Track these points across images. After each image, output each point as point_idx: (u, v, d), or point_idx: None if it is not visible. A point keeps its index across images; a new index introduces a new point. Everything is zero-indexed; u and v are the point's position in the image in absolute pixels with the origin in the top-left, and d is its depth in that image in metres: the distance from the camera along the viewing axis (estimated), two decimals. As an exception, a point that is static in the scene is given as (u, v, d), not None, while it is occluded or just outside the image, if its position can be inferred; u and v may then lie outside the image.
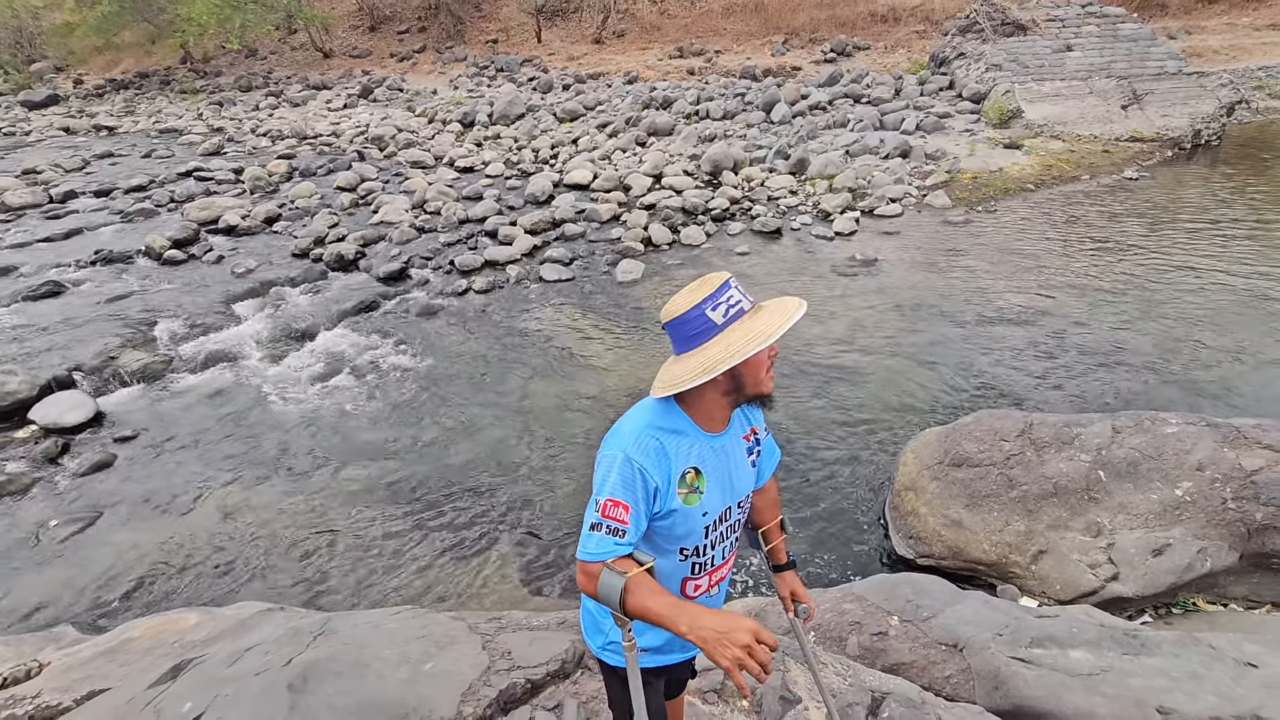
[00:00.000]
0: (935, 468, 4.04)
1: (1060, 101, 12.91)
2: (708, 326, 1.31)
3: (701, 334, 1.32)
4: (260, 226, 10.10)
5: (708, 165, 11.19)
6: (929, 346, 6.27)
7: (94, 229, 10.32)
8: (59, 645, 3.43)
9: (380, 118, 17.02)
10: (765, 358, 1.36)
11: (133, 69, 27.25)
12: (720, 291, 1.31)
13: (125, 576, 4.30)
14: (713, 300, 1.31)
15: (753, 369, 1.35)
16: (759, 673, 1.07)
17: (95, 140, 17.40)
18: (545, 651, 2.44)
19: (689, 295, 1.34)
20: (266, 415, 5.89)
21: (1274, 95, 14.47)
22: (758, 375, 1.36)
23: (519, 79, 20.38)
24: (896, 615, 2.87)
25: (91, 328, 7.16)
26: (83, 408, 5.87)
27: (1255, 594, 3.47)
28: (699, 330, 1.32)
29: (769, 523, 1.73)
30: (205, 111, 20.04)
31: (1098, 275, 7.44)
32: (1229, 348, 5.90)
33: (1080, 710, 2.35)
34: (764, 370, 1.37)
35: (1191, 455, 3.62)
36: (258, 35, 25.67)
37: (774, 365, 1.40)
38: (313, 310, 7.62)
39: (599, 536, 1.29)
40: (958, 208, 9.65)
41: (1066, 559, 3.54)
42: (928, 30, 20.21)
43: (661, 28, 23.80)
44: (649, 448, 1.33)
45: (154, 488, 5.09)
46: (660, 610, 1.18)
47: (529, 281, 8.16)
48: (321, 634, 2.48)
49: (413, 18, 26.67)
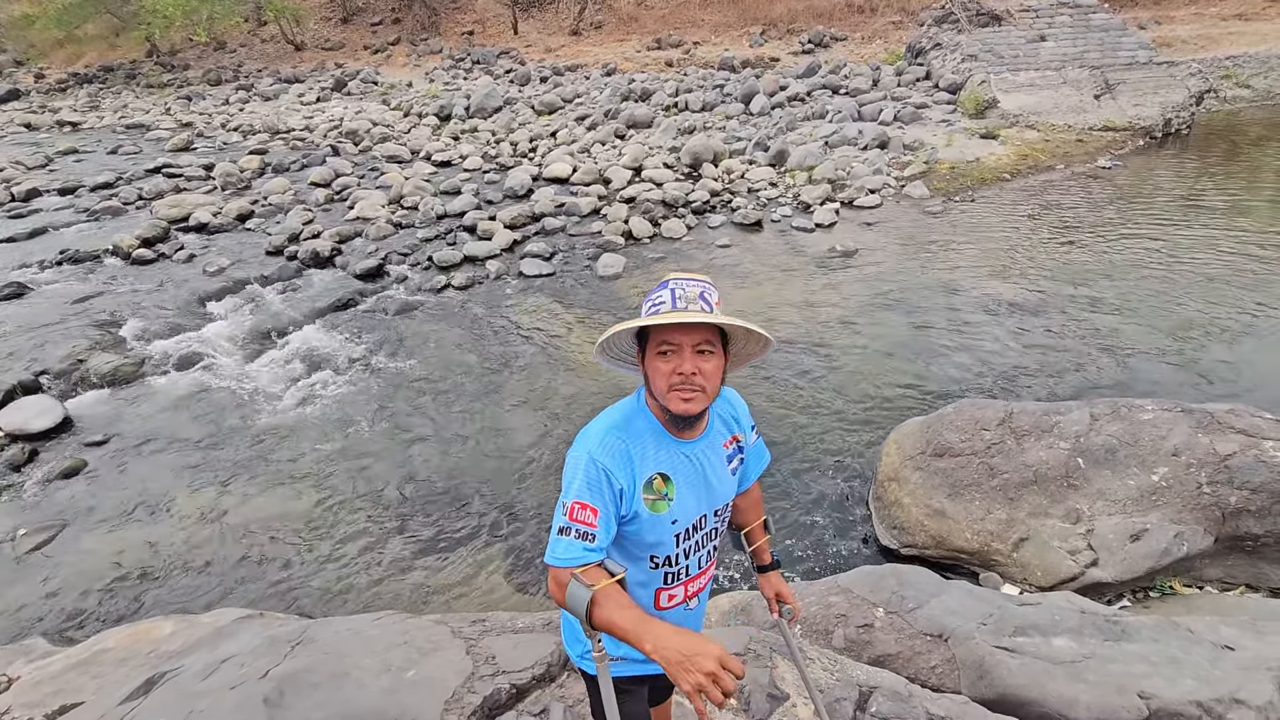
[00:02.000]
0: (917, 458, 4.06)
1: (1035, 91, 13.04)
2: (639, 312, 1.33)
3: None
4: (232, 223, 9.88)
5: (688, 157, 11.14)
6: (909, 337, 6.30)
7: (59, 228, 10.02)
8: (29, 658, 3.33)
9: (354, 111, 16.72)
10: (664, 369, 1.27)
11: (96, 63, 26.48)
12: (656, 289, 1.31)
13: (98, 585, 4.19)
14: (649, 295, 1.32)
15: (652, 373, 1.30)
16: (720, 701, 1.04)
17: (59, 136, 16.88)
18: (530, 655, 2.40)
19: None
20: (241, 417, 5.77)
21: (1241, 84, 14.73)
22: (655, 381, 1.30)
23: (496, 71, 20.13)
24: (882, 607, 2.88)
25: (58, 330, 6.96)
26: (50, 413, 5.70)
27: (1230, 576, 3.54)
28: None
29: (752, 523, 1.71)
30: (173, 106, 19.54)
31: (1073, 263, 7.53)
32: (1203, 333, 6.00)
33: (1063, 698, 2.37)
34: (663, 380, 1.28)
35: (1167, 441, 3.68)
36: (226, 27, 25.05)
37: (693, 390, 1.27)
38: (288, 309, 7.48)
39: (567, 541, 1.26)
40: (936, 198, 9.71)
41: (1047, 546, 3.58)
42: (904, 21, 20.30)
43: (639, 19, 23.64)
44: (613, 449, 1.31)
45: (126, 493, 4.96)
46: (626, 626, 1.15)
47: (509, 277, 8.08)
48: (300, 642, 2.42)
49: (386, 9, 26.23)
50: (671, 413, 1.30)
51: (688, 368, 1.26)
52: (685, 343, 1.26)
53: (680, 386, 1.27)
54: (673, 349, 1.27)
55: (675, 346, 1.27)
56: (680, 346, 1.26)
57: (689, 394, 1.27)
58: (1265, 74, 15.08)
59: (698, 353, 1.27)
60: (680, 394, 1.27)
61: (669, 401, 1.29)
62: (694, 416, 1.31)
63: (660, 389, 1.29)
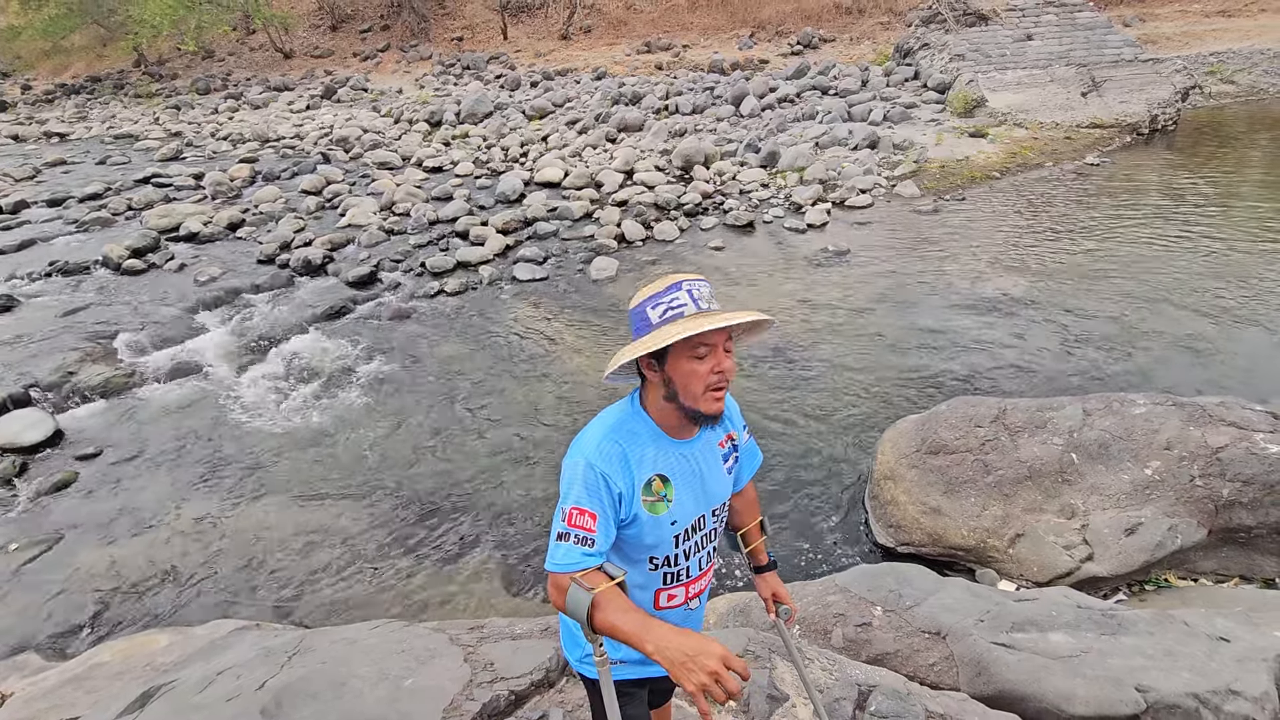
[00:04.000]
0: (912, 456, 4.07)
1: (1023, 90, 13.13)
2: (644, 324, 1.31)
3: (638, 330, 1.33)
4: (223, 233, 9.84)
5: (679, 160, 11.17)
6: (902, 335, 6.33)
7: (48, 240, 9.96)
8: (23, 674, 3.31)
9: (345, 118, 16.70)
10: (701, 370, 1.28)
11: (84, 73, 26.38)
12: (666, 293, 1.30)
13: (92, 598, 4.15)
14: (655, 300, 1.31)
15: (683, 378, 1.29)
16: (724, 700, 1.04)
17: (46, 147, 16.80)
18: (529, 661, 2.39)
19: (642, 292, 1.35)
20: (234, 427, 5.74)
21: (1226, 80, 14.88)
22: (689, 385, 1.29)
23: (486, 76, 20.14)
24: (880, 605, 2.88)
25: (48, 342, 6.91)
26: (41, 426, 5.66)
27: (1223, 568, 3.56)
28: (638, 326, 1.33)
29: (748, 524, 1.71)
30: (162, 115, 19.48)
31: (1064, 260, 7.58)
32: (1193, 326, 6.05)
33: (1061, 692, 2.38)
34: (698, 383, 1.28)
35: (1160, 435, 3.70)
36: (214, 36, 25.02)
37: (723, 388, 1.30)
38: (280, 317, 7.44)
39: (567, 546, 1.26)
40: (926, 197, 9.76)
41: (1043, 541, 3.59)
42: (892, 22, 20.42)
43: (628, 23, 23.70)
44: (610, 454, 1.31)
45: (119, 505, 4.92)
46: (627, 628, 1.15)
47: (502, 282, 8.07)
48: (296, 653, 2.41)
49: (375, 16, 26.21)
50: (703, 414, 1.32)
51: (728, 364, 1.30)
52: (719, 341, 1.30)
53: (716, 386, 1.30)
54: (709, 349, 1.29)
55: (711, 346, 1.29)
56: (715, 346, 1.29)
57: (721, 392, 1.31)
58: (1249, 69, 15.24)
59: (726, 351, 1.31)
60: (715, 394, 1.30)
61: (704, 403, 1.30)
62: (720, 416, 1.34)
63: (695, 392, 1.30)
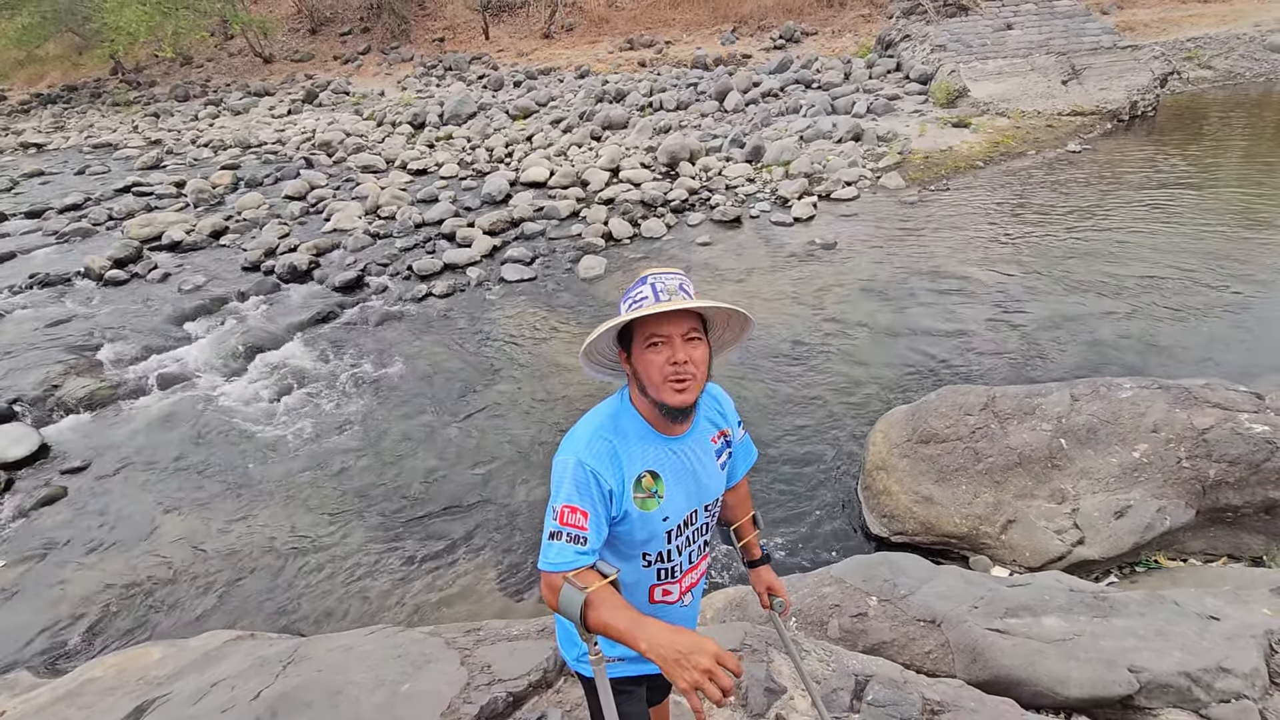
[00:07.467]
0: (904, 445, 4.10)
1: (1004, 79, 13.21)
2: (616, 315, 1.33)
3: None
4: (207, 241, 9.74)
5: (664, 157, 11.16)
6: (891, 326, 6.35)
7: (27, 252, 9.83)
8: (14, 692, 3.26)
9: (327, 122, 16.56)
10: (657, 361, 1.27)
11: (60, 82, 25.99)
12: (634, 286, 1.32)
13: (83, 614, 4.10)
14: (627, 293, 1.33)
15: (644, 368, 1.30)
16: (718, 698, 1.04)
17: (23, 159, 16.55)
18: (526, 662, 2.39)
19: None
20: (223, 436, 5.69)
21: (1203, 65, 15.03)
22: (649, 376, 1.29)
23: (469, 77, 20.04)
24: (875, 595, 2.89)
25: (31, 355, 6.82)
26: (26, 440, 5.59)
27: (1212, 547, 3.60)
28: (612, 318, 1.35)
29: (741, 519, 1.71)
30: (141, 124, 19.23)
31: (1047, 247, 7.63)
32: (1175, 309, 6.11)
33: (1055, 676, 2.40)
34: (656, 373, 1.28)
35: (1146, 418, 3.74)
36: (192, 42, 24.68)
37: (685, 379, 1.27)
38: (267, 324, 7.38)
39: (559, 545, 1.26)
40: (911, 188, 9.80)
41: (1034, 527, 3.62)
42: (873, 14, 20.47)
43: (610, 20, 23.64)
44: (600, 451, 1.31)
45: (108, 519, 4.87)
46: (620, 626, 1.15)
47: (490, 283, 8.03)
48: (291, 662, 2.39)
49: (355, 18, 25.99)
50: (667, 406, 1.30)
51: (681, 355, 1.27)
52: (674, 333, 1.28)
53: (674, 377, 1.27)
54: (663, 340, 1.28)
55: (665, 337, 1.28)
56: (670, 337, 1.28)
57: (682, 384, 1.28)
58: (1226, 55, 15.39)
59: (686, 341, 1.29)
60: (674, 385, 1.28)
61: (664, 394, 1.29)
62: (687, 409, 1.31)
63: (654, 382, 1.29)
